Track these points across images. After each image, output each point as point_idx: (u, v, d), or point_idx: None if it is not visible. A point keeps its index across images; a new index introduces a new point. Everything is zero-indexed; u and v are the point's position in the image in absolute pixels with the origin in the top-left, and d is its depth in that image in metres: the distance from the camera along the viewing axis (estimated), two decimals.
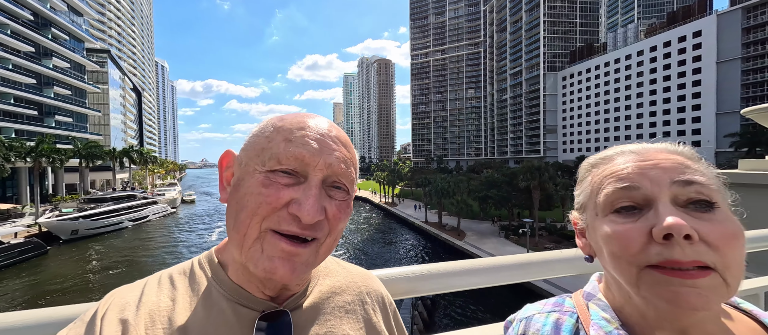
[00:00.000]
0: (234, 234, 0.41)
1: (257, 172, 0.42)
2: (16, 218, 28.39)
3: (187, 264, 0.48)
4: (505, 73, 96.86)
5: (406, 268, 0.77)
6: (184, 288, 0.45)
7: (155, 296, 0.43)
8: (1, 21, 34.33)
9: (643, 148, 0.43)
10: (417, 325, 14.82)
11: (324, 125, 0.45)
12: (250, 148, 0.44)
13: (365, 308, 0.53)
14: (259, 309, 0.44)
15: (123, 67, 73.27)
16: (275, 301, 0.46)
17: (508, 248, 24.88)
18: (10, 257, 20.82)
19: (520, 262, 0.84)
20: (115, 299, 0.42)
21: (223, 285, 0.45)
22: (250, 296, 0.45)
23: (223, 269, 0.46)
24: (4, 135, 31.64)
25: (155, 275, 0.47)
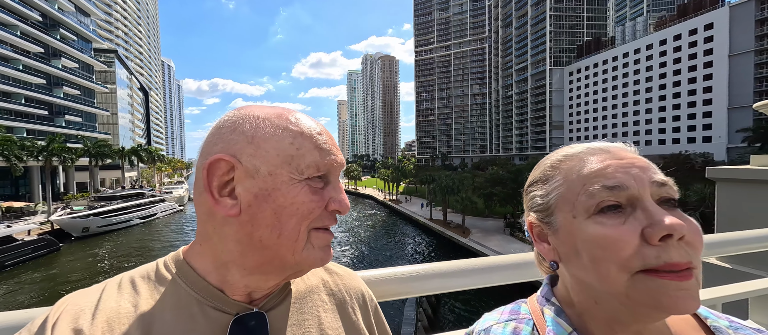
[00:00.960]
0: (281, 240, 0.42)
1: (297, 181, 0.42)
2: (30, 216, 29.08)
3: (151, 267, 0.46)
4: (511, 68, 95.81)
5: (406, 268, 0.77)
6: (148, 292, 0.43)
7: (114, 301, 0.41)
8: (11, 22, 34.98)
9: (611, 146, 0.43)
10: (421, 322, 14.87)
11: (320, 125, 0.47)
12: (269, 154, 0.42)
13: (344, 306, 0.53)
14: (232, 312, 0.44)
15: (130, 67, 74.20)
16: (251, 303, 0.46)
17: (514, 245, 24.77)
18: (25, 254, 21.37)
19: (521, 261, 0.82)
20: (68, 305, 0.40)
21: (195, 287, 0.44)
22: (224, 298, 0.44)
23: (194, 271, 0.45)
24: (16, 134, 32.36)
25: (114, 278, 0.45)
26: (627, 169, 0.38)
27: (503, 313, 0.49)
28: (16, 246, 20.99)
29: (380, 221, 41.40)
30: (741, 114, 49.22)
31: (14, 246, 20.81)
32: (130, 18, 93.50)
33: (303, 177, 0.43)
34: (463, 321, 16.33)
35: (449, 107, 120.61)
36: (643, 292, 0.34)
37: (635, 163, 0.40)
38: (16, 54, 35.43)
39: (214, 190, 0.42)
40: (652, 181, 0.38)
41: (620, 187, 0.37)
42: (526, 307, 0.49)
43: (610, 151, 0.42)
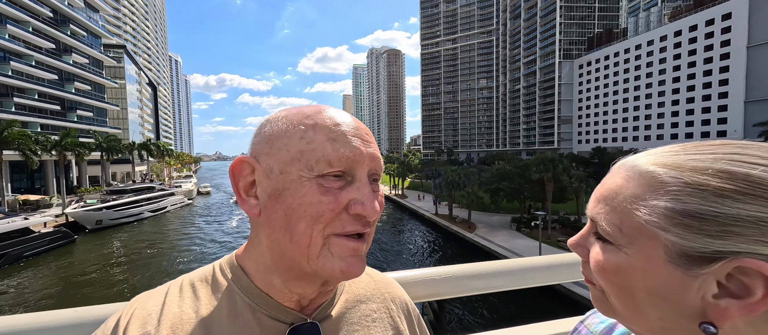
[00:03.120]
0: (292, 245, 0.40)
1: (306, 179, 0.39)
2: (45, 208, 29.93)
3: (208, 270, 0.46)
4: (519, 61, 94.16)
5: (426, 271, 0.74)
6: (207, 297, 0.43)
7: (177, 306, 0.42)
8: (23, 18, 35.57)
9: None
10: (427, 315, 14.95)
11: (350, 117, 0.44)
12: (282, 152, 0.40)
13: (391, 315, 0.52)
14: (287, 322, 0.43)
15: (138, 62, 75.06)
16: (303, 312, 0.45)
17: (520, 241, 24.64)
18: (42, 245, 22.04)
19: (549, 264, 0.79)
20: (137, 309, 0.42)
21: (249, 294, 0.43)
22: (279, 306, 0.43)
23: (248, 277, 0.44)
24: (30, 129, 33.13)
25: (176, 281, 0.46)
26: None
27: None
28: (34, 237, 21.65)
29: (385, 215, 41.56)
30: (758, 107, 47.64)
31: (32, 238, 21.48)
32: (137, 13, 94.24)
33: (313, 174, 0.39)
34: (466, 325, 16.36)
35: (455, 101, 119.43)
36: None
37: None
38: (28, 50, 36.10)
39: (241, 191, 0.42)
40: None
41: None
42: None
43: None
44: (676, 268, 0.29)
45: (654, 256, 0.30)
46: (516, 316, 15.37)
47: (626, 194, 0.32)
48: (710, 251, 0.27)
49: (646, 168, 0.32)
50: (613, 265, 0.32)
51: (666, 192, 0.29)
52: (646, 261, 0.30)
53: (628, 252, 0.31)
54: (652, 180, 0.31)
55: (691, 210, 0.28)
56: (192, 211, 42.24)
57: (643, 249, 0.30)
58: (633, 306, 0.32)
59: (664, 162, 0.31)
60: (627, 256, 0.31)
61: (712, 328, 0.28)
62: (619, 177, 0.34)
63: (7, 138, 24.97)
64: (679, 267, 0.28)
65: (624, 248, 0.31)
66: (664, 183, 0.30)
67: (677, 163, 0.30)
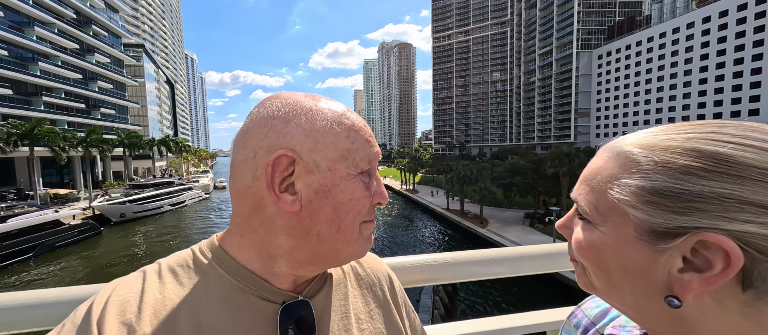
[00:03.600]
0: (339, 236, 0.43)
1: (352, 176, 0.43)
2: (73, 202, 31.60)
3: (187, 254, 0.46)
4: (534, 53, 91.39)
5: (426, 256, 0.78)
6: (190, 282, 0.42)
7: (158, 292, 0.41)
8: (49, 20, 37.22)
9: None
10: (438, 310, 15.01)
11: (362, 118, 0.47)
12: (329, 149, 0.42)
13: (374, 289, 0.55)
14: (278, 301, 0.44)
15: (156, 61, 77.35)
16: (295, 291, 0.46)
17: (533, 236, 24.22)
18: (72, 236, 23.36)
19: (546, 252, 0.81)
20: (113, 296, 0.39)
21: (238, 276, 0.43)
22: (270, 287, 0.44)
23: (234, 260, 0.44)
24: (58, 127, 34.88)
25: (152, 266, 0.44)
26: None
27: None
28: (64, 229, 22.93)
29: (398, 209, 41.64)
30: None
31: (62, 230, 22.76)
32: (155, 13, 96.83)
33: (357, 171, 0.43)
34: (479, 310, 16.34)
35: (468, 95, 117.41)
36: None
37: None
38: (55, 50, 37.82)
39: (276, 186, 0.41)
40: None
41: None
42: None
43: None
44: (644, 244, 0.30)
45: (625, 234, 0.31)
46: (525, 303, 15.27)
47: (604, 174, 0.34)
48: (674, 226, 0.28)
49: (623, 148, 0.33)
50: (589, 243, 0.34)
51: (637, 170, 0.31)
52: (617, 238, 0.32)
53: (602, 230, 0.33)
54: (627, 160, 0.32)
55: (658, 187, 0.29)
56: (209, 205, 43.63)
57: (616, 228, 0.32)
58: (608, 282, 0.34)
59: (641, 142, 0.32)
60: (601, 234, 0.33)
61: (677, 301, 0.29)
62: (601, 159, 0.36)
63: (38, 135, 26.40)
64: (647, 243, 0.30)
65: (599, 226, 0.33)
66: (637, 162, 0.31)
67: (651, 142, 0.31)
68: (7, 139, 25.06)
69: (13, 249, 19.11)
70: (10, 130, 25.71)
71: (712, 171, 0.27)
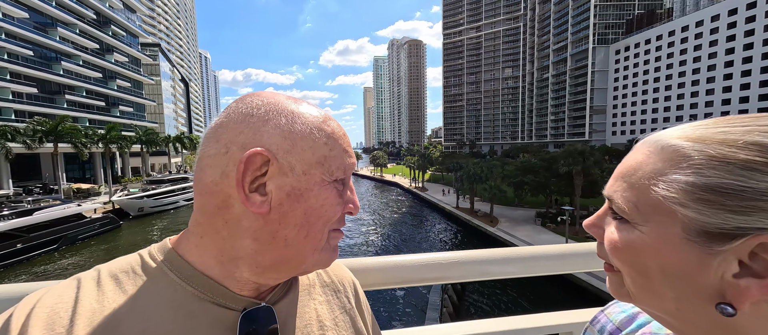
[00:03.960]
0: (306, 241, 0.41)
1: (327, 183, 0.42)
2: (94, 196, 32.92)
3: (133, 260, 0.42)
4: (548, 49, 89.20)
5: (436, 255, 0.77)
6: (137, 289, 0.38)
7: (96, 301, 0.36)
8: (71, 21, 38.64)
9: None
10: (446, 308, 14.97)
11: (341, 127, 0.47)
12: (307, 153, 0.41)
13: (339, 296, 0.54)
14: (238, 308, 0.41)
15: (172, 60, 79.33)
16: (257, 297, 0.44)
17: (544, 236, 23.80)
18: (93, 229, 24.39)
19: (559, 253, 0.79)
20: (38, 308, 0.34)
21: (193, 282, 0.40)
22: (229, 293, 0.41)
23: (190, 265, 0.41)
24: (80, 124, 36.32)
25: (89, 273, 0.40)
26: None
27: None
28: (86, 222, 23.94)
29: (406, 207, 41.61)
30: None
31: (84, 223, 23.77)
32: (170, 13, 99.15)
33: (332, 179, 0.42)
34: (486, 309, 16.21)
35: (479, 92, 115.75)
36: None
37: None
38: (76, 50, 39.28)
39: (246, 185, 0.39)
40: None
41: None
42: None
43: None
44: (693, 246, 0.27)
45: (670, 234, 0.28)
46: (536, 304, 15.07)
47: (646, 170, 0.30)
48: (731, 227, 0.25)
49: (669, 142, 0.30)
50: (626, 243, 0.31)
51: (689, 165, 0.27)
52: (661, 238, 0.29)
53: (643, 230, 0.30)
54: (675, 154, 0.29)
55: (713, 184, 0.26)
56: None
57: (659, 227, 0.29)
58: (647, 286, 0.31)
59: (690, 135, 0.29)
60: (641, 234, 0.30)
61: (730, 309, 0.26)
62: (641, 154, 0.32)
63: (61, 132, 27.56)
64: (697, 244, 0.27)
65: (639, 226, 0.30)
66: (687, 156, 0.28)
67: (704, 135, 0.28)
68: (33, 136, 26.26)
69: (39, 241, 20.08)
70: (35, 127, 26.93)
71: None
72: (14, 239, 18.67)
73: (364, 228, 31.70)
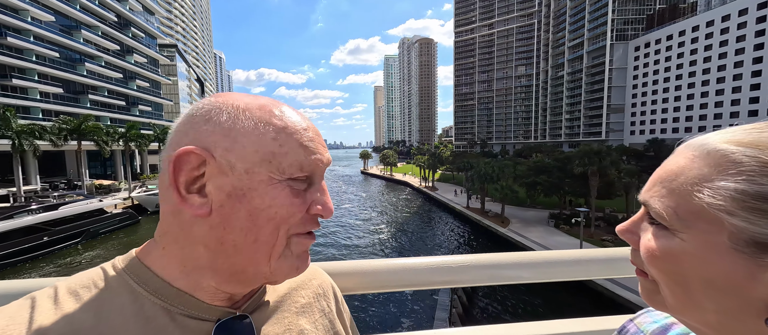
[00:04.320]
0: (256, 246, 0.38)
1: (277, 181, 0.38)
2: (115, 192, 34.24)
3: (95, 274, 0.39)
4: (563, 46, 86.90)
5: (450, 258, 0.75)
6: (99, 305, 0.35)
7: (54, 321, 0.33)
8: (94, 23, 40.24)
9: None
10: (456, 309, 14.83)
11: (308, 120, 0.43)
12: (247, 149, 0.37)
13: (319, 300, 0.53)
14: (212, 319, 0.39)
15: (188, 60, 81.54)
16: (233, 306, 0.42)
17: (557, 238, 23.23)
18: (114, 224, 25.40)
19: (566, 259, 0.75)
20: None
21: (161, 295, 0.38)
22: (202, 304, 0.39)
23: (157, 276, 0.39)
24: (102, 123, 37.79)
25: (44, 291, 0.37)
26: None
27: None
28: (107, 217, 24.94)
29: (416, 206, 41.46)
30: None
31: (105, 218, 24.77)
32: (187, 14, 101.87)
33: (284, 177, 0.38)
34: (497, 310, 15.98)
35: (490, 91, 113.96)
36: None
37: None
38: (99, 52, 40.90)
39: (180, 186, 0.37)
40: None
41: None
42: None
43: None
44: (741, 257, 0.25)
45: (715, 243, 0.26)
46: (550, 310, 14.77)
47: (689, 175, 0.28)
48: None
49: (716, 146, 0.28)
50: (665, 251, 0.29)
51: (739, 172, 0.25)
52: (704, 247, 0.27)
53: (683, 237, 0.28)
54: (723, 159, 0.27)
55: (767, 192, 0.24)
56: None
57: (702, 235, 0.27)
58: (686, 297, 0.29)
59: (740, 140, 0.27)
60: (682, 242, 0.28)
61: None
62: (683, 158, 0.30)
63: (85, 130, 28.77)
64: (746, 255, 0.25)
65: (679, 233, 0.28)
66: (737, 162, 0.26)
67: (757, 140, 0.26)
68: (58, 134, 27.51)
69: (64, 234, 21.05)
70: (61, 126, 28.20)
71: None
72: (41, 232, 19.62)
73: (373, 227, 31.79)
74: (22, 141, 23.45)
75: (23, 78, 32.39)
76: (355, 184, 67.95)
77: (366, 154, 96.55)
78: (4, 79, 31.14)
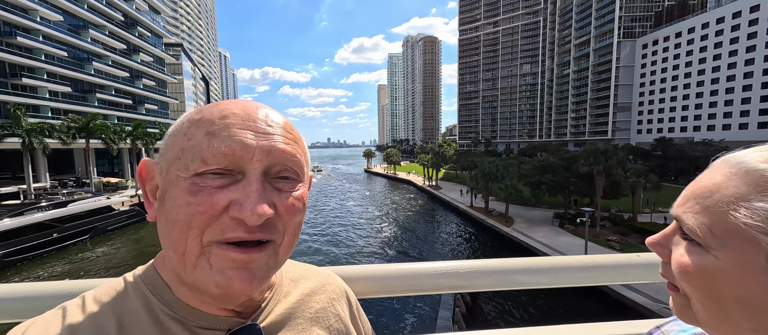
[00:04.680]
0: (171, 254, 0.35)
1: (182, 179, 0.34)
2: (122, 190, 34.71)
3: (117, 284, 0.40)
4: (569, 43, 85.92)
5: (460, 263, 0.73)
6: (119, 315, 0.36)
7: (82, 328, 0.34)
8: (101, 23, 40.71)
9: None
10: (459, 308, 14.82)
11: (252, 108, 0.38)
12: (169, 151, 0.37)
13: (334, 306, 0.52)
14: (223, 328, 0.39)
15: (193, 59, 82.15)
16: (241, 315, 0.41)
17: (562, 238, 23.07)
18: (121, 221, 25.80)
19: (582, 264, 0.73)
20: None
21: (173, 307, 0.38)
22: (209, 316, 0.38)
23: (168, 287, 0.39)
24: (109, 121, 38.28)
25: (72, 302, 0.38)
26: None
27: None
28: (115, 214, 25.32)
29: (418, 206, 41.42)
30: None
31: (113, 215, 25.15)
32: (192, 13, 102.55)
33: (188, 173, 0.34)
34: (498, 308, 15.94)
35: (495, 89, 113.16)
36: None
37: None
38: (106, 51, 41.39)
39: (147, 194, 0.38)
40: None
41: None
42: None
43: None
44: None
45: (752, 262, 0.26)
46: (561, 313, 14.66)
47: (725, 193, 0.28)
48: None
49: (756, 166, 0.27)
50: (699, 269, 0.29)
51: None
52: (740, 267, 0.27)
53: (718, 255, 0.28)
54: (762, 179, 0.27)
55: None
56: None
57: (737, 254, 0.27)
58: (720, 314, 0.29)
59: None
60: (716, 260, 0.28)
61: None
62: (719, 175, 0.30)
63: (93, 129, 29.18)
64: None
65: (713, 251, 0.28)
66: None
67: None
68: (67, 132, 27.94)
69: (73, 231, 21.42)
70: (69, 124, 28.64)
71: None
72: (51, 229, 19.98)
73: (376, 226, 31.83)
74: (32, 139, 23.86)
75: (33, 77, 32.91)
76: (358, 183, 68.11)
77: (369, 152, 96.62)
78: (14, 78, 31.66)
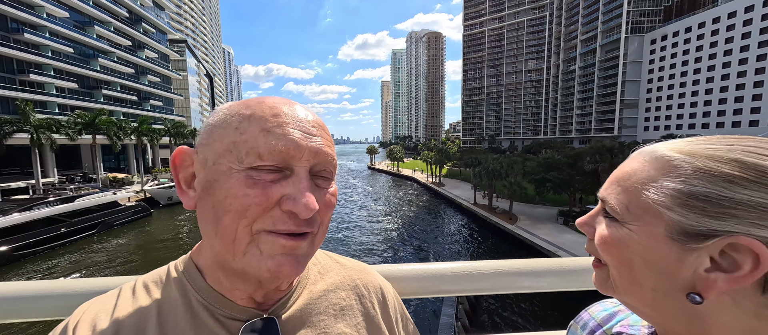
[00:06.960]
0: (217, 241, 0.38)
1: (235, 171, 0.37)
2: (128, 185, 35.10)
3: (163, 271, 0.44)
4: (575, 39, 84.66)
5: (461, 264, 0.72)
6: (160, 299, 0.41)
7: (131, 308, 0.40)
8: (106, 19, 40.91)
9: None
10: (462, 305, 14.80)
11: (296, 107, 0.41)
12: (216, 142, 0.39)
13: (363, 302, 0.51)
14: (242, 319, 0.41)
15: (197, 55, 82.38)
16: (260, 307, 0.43)
17: (567, 235, 22.91)
18: (127, 216, 26.06)
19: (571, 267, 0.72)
20: (85, 314, 0.39)
21: (203, 293, 0.41)
22: (232, 304, 0.41)
23: (201, 275, 0.43)
24: (115, 117, 38.63)
25: (129, 283, 0.44)
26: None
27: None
28: (120, 210, 25.60)
29: (421, 203, 41.37)
30: None
31: (119, 210, 25.43)
32: (196, 10, 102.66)
33: (243, 166, 0.37)
34: (500, 319, 15.90)
35: (500, 85, 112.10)
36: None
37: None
38: (111, 47, 41.64)
39: (181, 182, 0.41)
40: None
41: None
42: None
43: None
44: (673, 244, 0.31)
45: (655, 232, 0.32)
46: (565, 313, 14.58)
47: (640, 176, 0.35)
48: (707, 229, 0.30)
49: (663, 153, 0.34)
50: (616, 239, 0.36)
51: (678, 175, 0.32)
52: (647, 236, 0.33)
53: (631, 228, 0.34)
54: (667, 163, 0.33)
55: (697, 192, 0.30)
56: None
57: (646, 226, 0.33)
58: (630, 277, 0.35)
59: (682, 148, 0.33)
60: (629, 231, 0.35)
61: (698, 298, 0.31)
62: (636, 162, 0.36)
63: (99, 125, 29.45)
64: (678, 242, 0.31)
65: (628, 225, 0.35)
66: (677, 167, 0.32)
67: (694, 150, 0.33)
68: (74, 128, 28.24)
69: (80, 225, 21.71)
70: (76, 120, 28.94)
71: (753, 181, 0.29)
72: (59, 223, 20.27)
73: (379, 223, 31.87)
74: (40, 135, 24.14)
75: (40, 73, 33.24)
76: (362, 179, 68.18)
77: (373, 149, 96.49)
78: (22, 75, 32.02)
